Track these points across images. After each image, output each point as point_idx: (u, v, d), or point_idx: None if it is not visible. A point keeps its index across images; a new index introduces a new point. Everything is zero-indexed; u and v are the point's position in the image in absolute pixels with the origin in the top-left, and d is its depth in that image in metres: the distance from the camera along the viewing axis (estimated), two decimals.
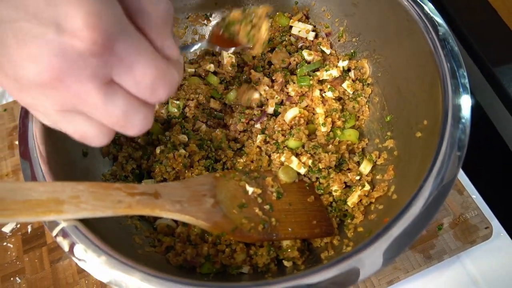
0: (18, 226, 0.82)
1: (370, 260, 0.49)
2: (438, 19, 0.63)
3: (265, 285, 0.49)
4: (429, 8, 0.64)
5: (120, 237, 0.63)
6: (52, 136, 0.61)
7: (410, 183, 0.58)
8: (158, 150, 0.77)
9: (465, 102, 0.55)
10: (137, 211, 0.54)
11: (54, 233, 0.51)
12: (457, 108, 0.54)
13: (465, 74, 0.56)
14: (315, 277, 0.49)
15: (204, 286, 0.49)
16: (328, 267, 0.49)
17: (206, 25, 0.92)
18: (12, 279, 0.76)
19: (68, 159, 0.65)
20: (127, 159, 0.77)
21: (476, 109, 0.93)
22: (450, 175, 0.52)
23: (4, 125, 0.93)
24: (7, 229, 0.81)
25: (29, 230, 0.81)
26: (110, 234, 0.59)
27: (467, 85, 0.56)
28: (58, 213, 0.49)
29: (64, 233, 0.51)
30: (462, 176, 0.85)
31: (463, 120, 0.54)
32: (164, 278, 0.48)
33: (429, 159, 0.54)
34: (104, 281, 0.49)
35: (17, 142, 0.90)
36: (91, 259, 0.50)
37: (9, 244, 0.80)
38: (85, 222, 0.53)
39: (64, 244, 0.51)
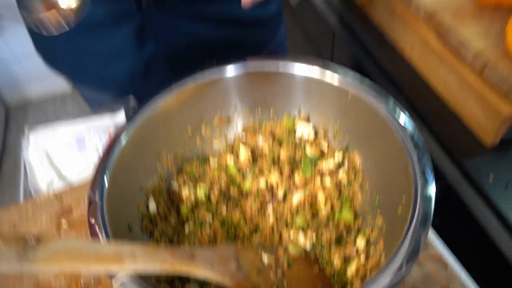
0: None
1: None
2: (408, 125, 0.83)
3: None
4: (402, 116, 0.84)
5: None
6: (113, 216, 0.78)
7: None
8: (187, 229, 0.93)
9: (430, 180, 0.72)
10: (178, 267, 0.69)
11: (116, 284, 0.65)
12: (424, 185, 0.72)
13: (429, 158, 0.74)
14: None
15: None
16: None
17: None
18: None
19: (119, 231, 0.81)
20: (161, 234, 0.92)
21: (449, 194, 1.10)
22: (422, 239, 0.67)
23: (53, 208, 1.10)
24: None
25: None
26: None
27: (431, 168, 0.74)
28: (120, 264, 0.63)
29: (124, 285, 0.65)
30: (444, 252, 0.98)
31: (428, 194, 0.71)
32: None
33: (405, 225, 0.69)
34: None
35: (63, 225, 1.06)
36: None
37: None
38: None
39: None
